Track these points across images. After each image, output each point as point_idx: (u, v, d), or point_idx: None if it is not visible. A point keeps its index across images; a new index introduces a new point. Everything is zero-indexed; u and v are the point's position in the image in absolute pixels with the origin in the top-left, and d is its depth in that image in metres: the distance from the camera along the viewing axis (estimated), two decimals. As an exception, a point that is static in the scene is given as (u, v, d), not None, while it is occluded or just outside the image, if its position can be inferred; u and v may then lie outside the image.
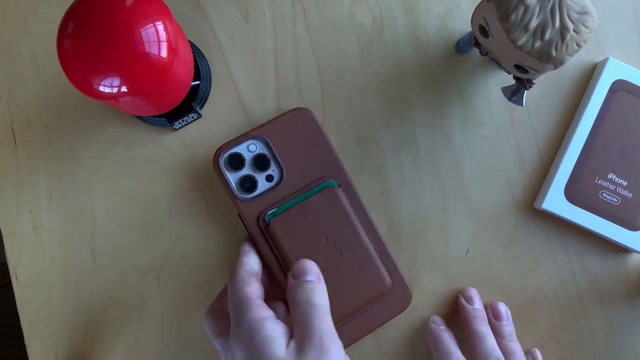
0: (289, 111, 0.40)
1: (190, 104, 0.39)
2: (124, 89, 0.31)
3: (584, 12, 0.30)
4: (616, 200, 0.40)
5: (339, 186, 0.39)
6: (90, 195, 0.41)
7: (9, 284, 0.41)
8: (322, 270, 0.35)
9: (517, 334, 0.40)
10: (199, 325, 0.40)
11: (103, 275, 0.40)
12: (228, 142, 0.39)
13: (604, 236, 0.40)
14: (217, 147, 0.39)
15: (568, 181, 0.40)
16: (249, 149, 0.39)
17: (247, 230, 0.38)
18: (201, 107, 0.41)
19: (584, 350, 0.41)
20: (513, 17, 0.30)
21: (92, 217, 0.41)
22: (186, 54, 0.35)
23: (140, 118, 0.41)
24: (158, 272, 0.40)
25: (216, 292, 0.37)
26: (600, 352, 0.41)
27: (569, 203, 0.40)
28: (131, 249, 0.41)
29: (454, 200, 0.41)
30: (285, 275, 0.38)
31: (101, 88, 0.31)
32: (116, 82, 0.31)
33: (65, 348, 0.40)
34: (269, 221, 0.38)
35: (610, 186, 0.40)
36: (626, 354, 0.41)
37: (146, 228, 0.41)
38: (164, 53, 0.31)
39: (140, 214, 0.41)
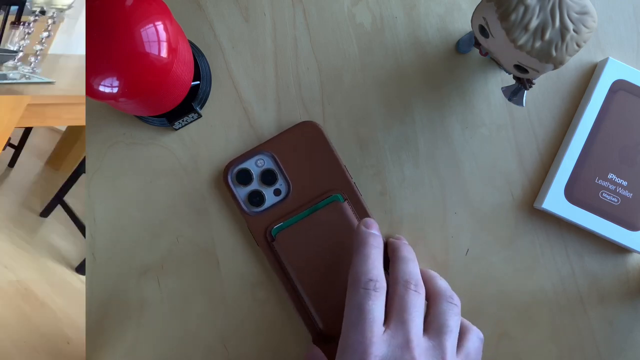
0: (296, 125, 0.40)
1: (190, 104, 0.39)
2: (123, 89, 0.31)
3: (584, 12, 0.30)
4: (616, 200, 0.40)
5: (345, 200, 0.39)
6: (90, 196, 0.41)
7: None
8: (328, 283, 0.35)
9: (516, 333, 0.40)
10: (199, 325, 0.40)
11: (103, 275, 0.40)
12: (236, 157, 0.39)
13: (604, 236, 0.40)
14: (218, 149, 0.39)
15: (568, 181, 0.40)
16: (257, 164, 0.39)
17: (256, 242, 0.39)
18: (201, 107, 0.41)
19: (584, 350, 0.41)
20: (513, 17, 0.30)
21: (92, 217, 0.41)
22: (186, 54, 0.35)
23: (140, 118, 0.41)
24: (158, 272, 0.40)
25: (216, 292, 0.37)
26: (601, 352, 0.41)
27: (568, 203, 0.40)
28: (131, 249, 0.41)
29: (454, 200, 0.41)
30: (294, 288, 0.38)
31: (101, 88, 0.31)
32: (116, 82, 0.31)
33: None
34: (276, 235, 0.38)
35: (610, 186, 0.40)
36: (626, 354, 0.41)
37: (146, 228, 0.41)
38: (164, 53, 0.31)
39: (140, 214, 0.41)
